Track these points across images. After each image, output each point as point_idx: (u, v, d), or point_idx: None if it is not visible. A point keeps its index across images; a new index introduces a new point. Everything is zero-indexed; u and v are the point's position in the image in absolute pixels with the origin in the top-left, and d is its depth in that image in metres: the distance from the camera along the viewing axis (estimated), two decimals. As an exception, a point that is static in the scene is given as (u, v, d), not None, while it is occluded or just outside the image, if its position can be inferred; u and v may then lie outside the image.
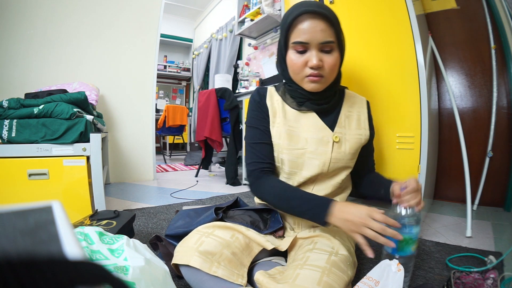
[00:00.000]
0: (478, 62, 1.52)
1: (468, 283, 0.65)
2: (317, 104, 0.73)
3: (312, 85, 0.67)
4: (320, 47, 0.64)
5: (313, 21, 0.63)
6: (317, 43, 0.63)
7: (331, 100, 0.74)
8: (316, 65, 0.64)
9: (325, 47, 0.64)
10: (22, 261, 0.12)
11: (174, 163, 3.65)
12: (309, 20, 0.63)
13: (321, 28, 0.62)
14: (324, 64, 0.65)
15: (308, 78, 0.66)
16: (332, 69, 0.66)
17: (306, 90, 0.71)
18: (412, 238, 0.64)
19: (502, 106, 1.45)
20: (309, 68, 0.65)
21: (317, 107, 0.73)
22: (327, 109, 0.74)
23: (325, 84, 0.69)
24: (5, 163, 1.11)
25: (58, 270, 0.13)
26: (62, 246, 0.17)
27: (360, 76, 1.19)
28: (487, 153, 1.46)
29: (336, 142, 0.72)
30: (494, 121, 1.45)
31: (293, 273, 0.55)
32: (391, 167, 1.13)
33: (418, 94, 1.07)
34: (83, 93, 1.31)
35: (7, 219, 0.18)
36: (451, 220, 1.30)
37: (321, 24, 0.62)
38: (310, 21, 0.63)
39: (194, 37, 5.06)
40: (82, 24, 2.05)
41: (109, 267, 0.48)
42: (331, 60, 0.65)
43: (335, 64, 0.67)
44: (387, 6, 1.13)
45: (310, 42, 0.63)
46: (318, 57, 0.64)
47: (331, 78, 0.69)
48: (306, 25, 0.63)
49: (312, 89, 0.69)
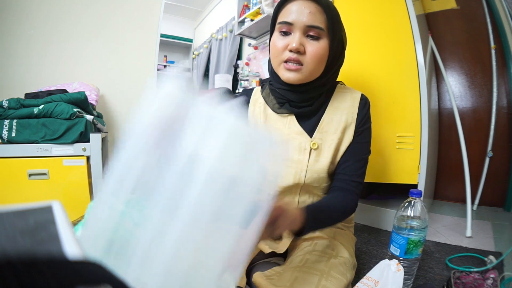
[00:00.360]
0: (478, 62, 1.52)
1: (468, 283, 0.65)
2: (296, 106, 0.65)
3: (288, 74, 0.60)
4: (306, 30, 0.58)
5: (304, 2, 0.58)
6: (302, 25, 0.58)
7: (314, 102, 0.65)
8: (296, 48, 0.57)
9: (310, 31, 0.58)
10: (22, 261, 0.12)
11: (174, 163, 3.65)
12: (300, 1, 0.58)
13: (310, 10, 0.57)
14: (306, 50, 0.59)
15: (285, 64, 0.60)
16: (315, 58, 0.59)
17: (286, 90, 0.64)
18: (421, 240, 0.64)
19: (502, 106, 1.45)
20: (288, 51, 0.59)
21: (297, 110, 0.65)
22: (308, 112, 0.66)
23: (303, 76, 0.60)
24: (5, 163, 1.11)
25: (58, 270, 0.13)
26: (62, 246, 0.17)
27: (360, 76, 1.19)
28: (487, 153, 1.46)
29: (314, 149, 0.65)
30: (494, 121, 1.45)
31: (291, 276, 0.54)
32: (391, 167, 1.13)
33: (418, 94, 1.07)
34: (83, 93, 1.31)
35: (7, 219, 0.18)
36: (451, 220, 1.30)
37: (311, 7, 0.58)
38: (301, 2, 0.58)
39: (194, 37, 5.06)
40: (82, 24, 2.05)
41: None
42: (315, 47, 0.58)
43: (320, 53, 0.59)
44: (387, 6, 1.13)
45: (295, 23, 0.58)
46: (300, 40, 0.58)
47: (313, 69, 0.60)
48: (295, 6, 0.58)
49: (287, 79, 0.61)
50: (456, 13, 1.56)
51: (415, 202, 0.67)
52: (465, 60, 1.56)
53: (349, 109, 0.67)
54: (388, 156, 1.13)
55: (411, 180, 1.10)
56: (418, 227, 0.65)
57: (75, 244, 0.18)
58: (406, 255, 0.65)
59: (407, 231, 0.65)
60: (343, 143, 0.66)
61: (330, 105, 0.68)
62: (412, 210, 0.67)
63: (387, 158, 1.14)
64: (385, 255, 0.91)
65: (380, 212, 1.23)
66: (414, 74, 1.08)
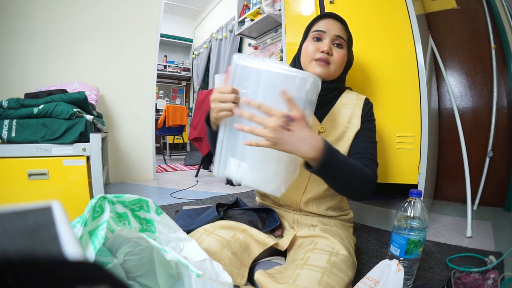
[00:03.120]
0: (478, 62, 1.52)
1: (468, 283, 0.65)
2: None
3: (319, 68, 0.73)
4: (334, 39, 0.75)
5: (332, 20, 0.76)
6: (333, 34, 0.74)
7: (328, 94, 0.77)
8: (327, 50, 0.73)
9: (337, 40, 0.75)
10: (22, 261, 0.12)
11: (174, 163, 3.65)
12: (329, 19, 0.77)
13: (338, 26, 0.76)
14: (333, 53, 0.74)
15: (316, 61, 0.74)
16: (339, 61, 0.75)
17: None
18: (421, 240, 0.64)
19: (502, 106, 1.45)
20: (319, 52, 0.73)
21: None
22: (321, 102, 0.74)
23: (330, 72, 0.74)
24: (5, 163, 1.11)
25: (58, 270, 0.13)
26: (62, 246, 0.17)
27: (360, 76, 1.19)
28: (487, 153, 1.46)
29: (322, 132, 0.76)
30: (494, 121, 1.45)
31: (293, 273, 0.55)
32: (391, 167, 1.13)
33: (418, 94, 1.07)
34: (83, 93, 1.31)
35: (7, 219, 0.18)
36: (451, 220, 1.30)
37: (338, 23, 0.76)
38: (330, 20, 0.76)
39: (194, 37, 5.06)
40: (82, 24, 2.05)
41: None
42: (340, 53, 0.75)
43: (343, 59, 0.76)
44: (387, 6, 1.13)
45: (327, 31, 0.75)
46: (330, 45, 0.74)
47: (336, 69, 0.75)
48: (326, 21, 0.76)
49: (318, 73, 0.73)
50: (456, 13, 1.56)
51: (415, 202, 0.67)
52: (465, 60, 1.56)
53: (354, 105, 0.79)
54: (388, 156, 1.13)
55: (411, 180, 1.10)
56: (418, 227, 0.65)
57: (75, 244, 0.18)
58: (406, 255, 0.65)
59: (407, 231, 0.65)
60: (350, 130, 0.76)
61: (339, 102, 0.80)
62: (412, 210, 0.67)
63: (387, 158, 1.14)
64: (385, 255, 0.91)
65: (380, 212, 1.23)
66: (414, 74, 1.08)
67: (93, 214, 0.46)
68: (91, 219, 0.46)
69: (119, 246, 0.58)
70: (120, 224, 0.50)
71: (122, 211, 0.51)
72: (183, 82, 5.32)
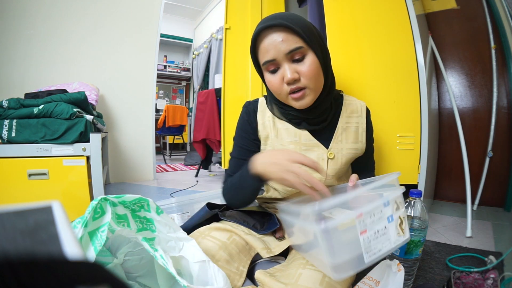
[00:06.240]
0: (478, 62, 1.52)
1: (468, 283, 0.65)
2: (315, 123, 0.68)
3: (299, 103, 0.63)
4: (289, 57, 0.59)
5: (271, 35, 0.59)
6: (284, 55, 0.59)
7: (329, 115, 0.69)
8: (291, 79, 0.59)
9: (294, 56, 0.59)
10: (22, 261, 0.12)
11: (174, 163, 3.65)
12: (267, 36, 0.59)
13: (281, 39, 0.58)
14: (300, 74, 0.60)
15: (291, 96, 0.62)
16: (311, 76, 0.60)
17: (300, 111, 0.66)
18: (421, 240, 0.64)
19: (502, 106, 1.45)
20: (286, 84, 0.61)
21: (317, 127, 0.68)
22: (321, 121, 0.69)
23: (312, 96, 0.62)
24: (5, 163, 1.11)
25: (58, 270, 0.13)
26: (62, 246, 0.17)
27: (360, 77, 1.19)
28: (487, 153, 1.46)
29: (331, 159, 0.69)
30: (494, 121, 1.45)
31: (295, 272, 0.55)
32: (391, 167, 1.13)
33: (418, 94, 1.07)
34: (83, 93, 1.31)
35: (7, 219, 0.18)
36: (451, 220, 1.30)
37: (281, 35, 0.58)
38: (269, 37, 0.59)
39: (194, 37, 5.06)
40: (82, 24, 2.05)
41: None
42: (305, 67, 0.59)
43: (313, 69, 0.60)
44: (387, 6, 1.13)
45: (276, 57, 0.60)
46: (291, 69, 0.59)
47: (315, 86, 0.62)
48: (267, 42, 0.59)
49: (301, 107, 0.63)
50: (456, 13, 1.56)
51: (415, 202, 0.67)
52: (465, 60, 1.56)
53: (358, 118, 0.73)
54: (388, 156, 1.13)
55: (411, 180, 1.10)
56: (418, 227, 0.65)
57: (75, 244, 0.18)
58: (406, 255, 0.65)
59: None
60: (355, 151, 0.72)
61: (343, 114, 0.72)
62: (412, 210, 0.67)
63: (387, 158, 1.14)
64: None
65: (380, 212, 1.23)
66: (414, 74, 1.08)
67: (94, 215, 0.46)
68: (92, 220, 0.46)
69: (119, 246, 0.58)
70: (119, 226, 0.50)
71: (123, 213, 0.51)
72: (183, 82, 5.32)
